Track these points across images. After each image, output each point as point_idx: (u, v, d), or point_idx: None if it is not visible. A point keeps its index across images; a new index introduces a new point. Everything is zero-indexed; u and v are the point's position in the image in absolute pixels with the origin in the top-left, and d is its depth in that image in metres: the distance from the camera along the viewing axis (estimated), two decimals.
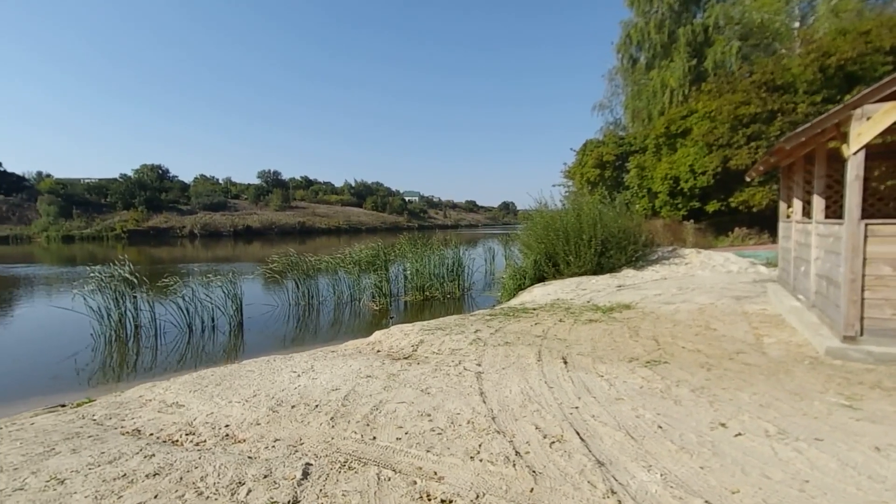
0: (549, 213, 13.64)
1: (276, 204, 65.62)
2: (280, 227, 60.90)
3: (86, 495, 2.86)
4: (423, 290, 13.12)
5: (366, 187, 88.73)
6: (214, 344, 9.26)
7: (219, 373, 5.46)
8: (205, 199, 61.27)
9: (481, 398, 4.14)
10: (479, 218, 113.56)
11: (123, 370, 7.96)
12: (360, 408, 4.08)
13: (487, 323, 7.24)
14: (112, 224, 53.13)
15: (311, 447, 3.44)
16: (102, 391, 6.21)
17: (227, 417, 4.08)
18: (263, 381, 4.99)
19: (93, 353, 8.50)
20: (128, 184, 59.70)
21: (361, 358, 5.76)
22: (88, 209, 54.69)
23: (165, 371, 7.61)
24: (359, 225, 70.32)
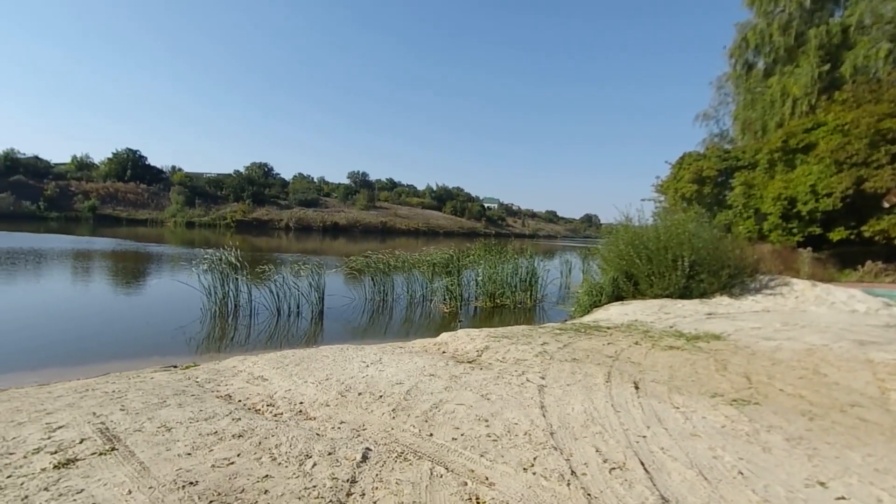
0: (634, 228, 12.88)
1: (361, 203, 69.63)
2: (364, 225, 64.45)
3: (185, 444, 3.32)
4: (494, 297, 13.10)
5: (446, 192, 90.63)
6: (297, 328, 10.08)
7: (299, 354, 5.97)
8: (300, 195, 66.93)
9: (541, 412, 4.06)
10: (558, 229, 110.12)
11: (222, 342, 8.97)
12: (421, 404, 4.22)
13: (556, 337, 7.05)
14: (224, 214, 60.12)
15: (372, 434, 3.63)
16: (205, 358, 7.08)
17: (302, 395, 4.45)
18: (336, 367, 5.36)
19: (200, 325, 9.68)
20: (239, 179, 67.25)
21: (427, 357, 5.93)
22: (207, 200, 62.51)
23: (255, 347, 8.43)
24: (437, 228, 71.97)
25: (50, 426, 3.63)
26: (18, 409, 4.07)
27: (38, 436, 3.45)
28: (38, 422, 3.74)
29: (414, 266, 13.50)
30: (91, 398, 4.34)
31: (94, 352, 7.48)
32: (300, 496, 2.71)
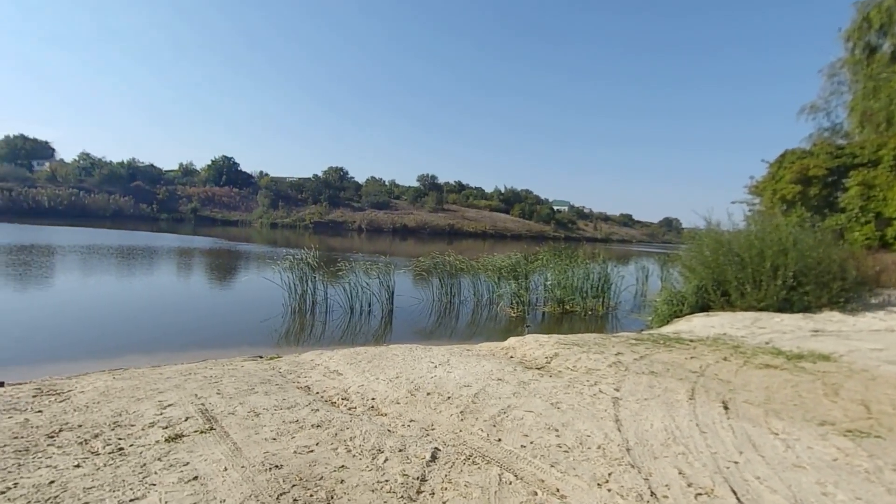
0: (723, 233, 11.79)
1: (430, 206, 71.10)
2: (432, 227, 65.70)
3: (271, 429, 3.59)
4: (563, 303, 12.68)
5: (514, 194, 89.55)
6: (368, 326, 10.50)
7: (370, 352, 6.21)
8: (372, 198, 69.90)
9: (616, 425, 3.85)
10: (633, 233, 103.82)
11: (301, 336, 9.59)
12: (489, 408, 4.19)
13: (632, 347, 6.65)
14: (303, 216, 64.49)
15: (441, 434, 3.67)
16: (285, 351, 7.62)
17: (374, 392, 4.62)
18: (405, 366, 5.49)
19: (282, 320, 10.44)
20: (317, 183, 71.79)
21: (494, 361, 5.88)
22: (289, 202, 67.46)
23: (330, 343, 8.91)
24: (504, 231, 71.36)
25: (161, 404, 4.11)
26: (137, 387, 4.66)
27: (152, 412, 3.93)
28: (152, 399, 4.26)
29: (481, 269, 13.48)
30: (193, 381, 4.85)
31: (195, 340, 8.36)
32: (373, 488, 2.81)
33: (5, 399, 4.30)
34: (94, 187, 57.89)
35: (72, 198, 53.45)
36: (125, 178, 61.33)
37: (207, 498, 2.61)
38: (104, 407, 4.04)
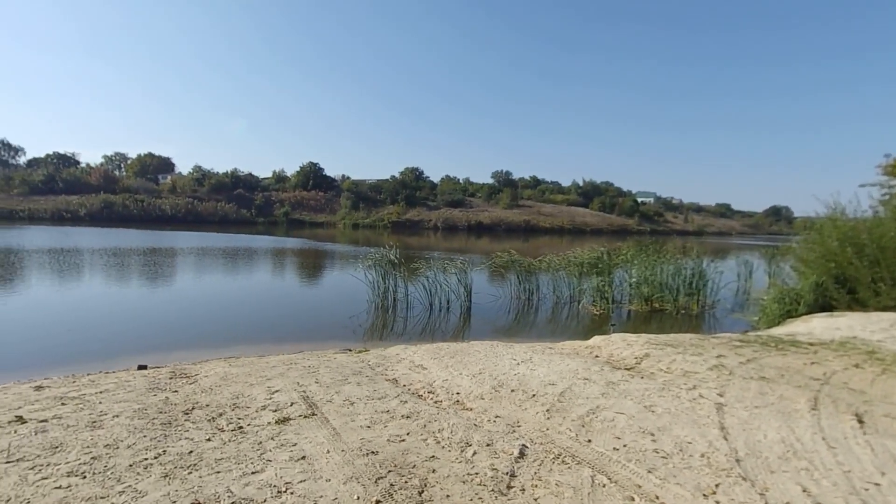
0: (849, 222, 10.24)
1: (504, 202, 70.44)
2: (507, 224, 65.07)
3: (365, 417, 3.82)
4: (651, 301, 11.88)
5: (593, 187, 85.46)
6: (447, 322, 10.70)
7: (452, 348, 6.33)
8: (447, 196, 70.96)
9: (721, 433, 3.53)
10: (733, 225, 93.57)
11: (384, 332, 10.04)
12: (576, 408, 4.06)
13: (736, 350, 6.04)
14: (382, 216, 67.39)
15: (528, 431, 3.64)
16: (371, 345, 8.04)
17: (458, 386, 4.71)
18: (487, 362, 5.52)
19: (367, 315, 11.02)
20: (394, 184, 74.56)
21: (579, 360, 5.69)
22: (369, 203, 70.94)
23: (411, 338, 9.22)
24: (583, 226, 68.50)
25: (270, 389, 4.57)
26: (249, 373, 5.23)
27: (263, 396, 4.38)
28: (262, 385, 4.75)
29: (560, 265, 13.09)
30: (294, 370, 5.32)
31: (292, 333, 9.13)
32: (464, 480, 2.87)
33: (149, 380, 5.07)
34: (204, 196, 65.62)
35: (188, 206, 61.10)
36: (229, 186, 68.68)
37: (315, 476, 2.85)
38: (225, 390, 4.59)
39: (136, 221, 52.80)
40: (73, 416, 3.76)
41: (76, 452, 3.06)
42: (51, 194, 57.05)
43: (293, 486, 2.73)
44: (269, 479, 2.79)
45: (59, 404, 4.12)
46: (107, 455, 3.04)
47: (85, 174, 64.20)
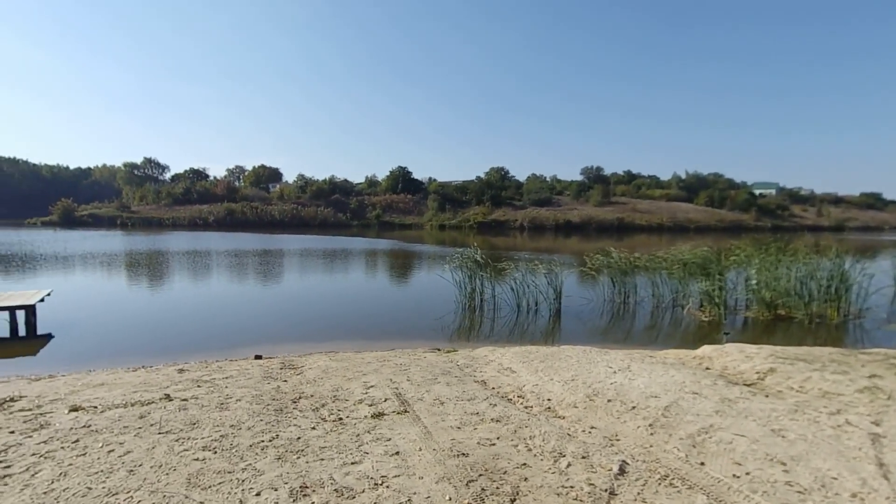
0: None
1: (595, 200, 66.98)
2: (598, 222, 61.81)
3: (455, 417, 3.85)
4: (774, 308, 10.39)
5: (699, 180, 77.42)
6: (536, 324, 10.42)
7: (542, 351, 6.13)
8: (534, 195, 69.46)
9: (880, 471, 2.93)
10: (885, 218, 77.80)
11: (471, 332, 10.09)
12: (685, 425, 3.68)
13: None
14: (468, 216, 68.11)
15: (627, 446, 3.37)
16: (459, 345, 8.13)
17: (549, 392, 4.54)
18: (580, 369, 5.25)
19: (454, 316, 11.16)
20: (480, 184, 74.92)
21: (686, 371, 5.16)
22: (455, 205, 72.18)
23: (499, 339, 9.14)
24: (686, 223, 62.45)
25: (366, 385, 4.82)
26: (347, 368, 5.58)
27: (359, 390, 4.64)
28: (358, 379, 5.03)
29: (660, 266, 12.05)
30: (387, 367, 5.56)
31: (384, 331, 9.57)
32: (558, 492, 2.74)
33: (264, 369, 5.65)
34: (306, 201, 72.00)
35: (293, 211, 67.57)
36: (327, 192, 74.55)
37: (408, 473, 2.92)
38: (326, 382, 4.94)
39: (252, 226, 59.68)
40: (206, 398, 4.33)
41: (209, 430, 3.51)
42: (188, 204, 66.89)
43: (388, 480, 2.83)
44: (366, 470, 2.93)
45: (195, 386, 4.77)
46: (232, 434, 3.44)
47: (212, 186, 74.21)
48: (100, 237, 37.32)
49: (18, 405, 4.15)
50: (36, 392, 4.63)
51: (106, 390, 4.65)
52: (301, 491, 2.66)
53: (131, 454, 3.06)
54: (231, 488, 2.66)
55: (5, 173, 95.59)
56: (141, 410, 3.91)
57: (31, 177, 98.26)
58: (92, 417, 3.75)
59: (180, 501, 2.51)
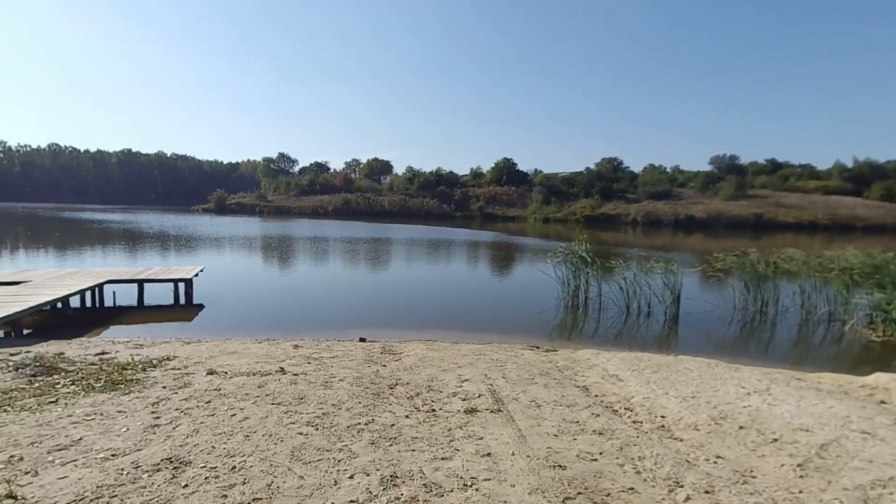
0: None
1: (726, 192, 58.89)
2: (728, 218, 54.32)
3: (552, 423, 3.57)
4: None
5: (871, 168, 63.18)
6: (647, 329, 9.44)
7: (655, 360, 5.46)
8: (650, 188, 63.57)
9: None
10: None
11: (572, 332, 9.50)
12: (852, 472, 2.91)
13: None
14: (574, 210, 64.98)
15: (768, 488, 2.77)
16: (558, 344, 7.68)
17: (663, 409, 3.98)
18: (703, 385, 4.54)
19: (555, 313, 10.64)
20: (589, 176, 70.92)
21: (849, 402, 4.15)
22: (560, 197, 69.39)
23: (603, 342, 8.45)
24: (850, 220, 51.69)
25: (460, 377, 4.75)
26: (443, 358, 5.58)
27: (453, 383, 4.58)
28: (453, 371, 4.99)
29: (813, 271, 10.05)
30: (483, 362, 5.43)
31: (481, 323, 9.47)
32: None
33: (366, 352, 5.93)
34: (414, 193, 75.31)
35: (401, 202, 71.23)
36: (433, 183, 77.06)
37: (499, 477, 2.75)
38: (422, 371, 4.99)
39: (364, 215, 64.34)
40: (314, 375, 4.65)
41: (313, 406, 3.74)
42: (311, 194, 74.56)
43: (478, 482, 2.69)
44: (456, 468, 2.83)
45: (306, 363, 5.17)
46: (333, 413, 3.61)
47: (332, 178, 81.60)
48: (242, 223, 43.52)
49: (172, 364, 4.90)
50: (186, 353, 5.43)
51: (236, 358, 5.27)
52: (391, 480, 2.66)
53: (248, 420, 3.37)
54: (328, 467, 2.76)
55: (178, 168, 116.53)
56: (260, 380, 4.34)
57: (196, 171, 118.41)
58: (223, 382, 4.25)
59: (283, 472, 2.67)
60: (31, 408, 3.47)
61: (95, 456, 2.77)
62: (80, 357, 5.19)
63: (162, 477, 2.59)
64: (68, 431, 3.08)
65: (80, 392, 3.85)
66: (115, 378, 4.23)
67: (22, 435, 3.00)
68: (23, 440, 2.94)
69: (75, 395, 3.77)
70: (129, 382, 4.13)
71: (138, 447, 2.90)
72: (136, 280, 9.79)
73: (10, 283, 8.79)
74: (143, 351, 5.60)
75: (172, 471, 2.66)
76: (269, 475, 2.64)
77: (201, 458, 2.82)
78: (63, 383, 4.08)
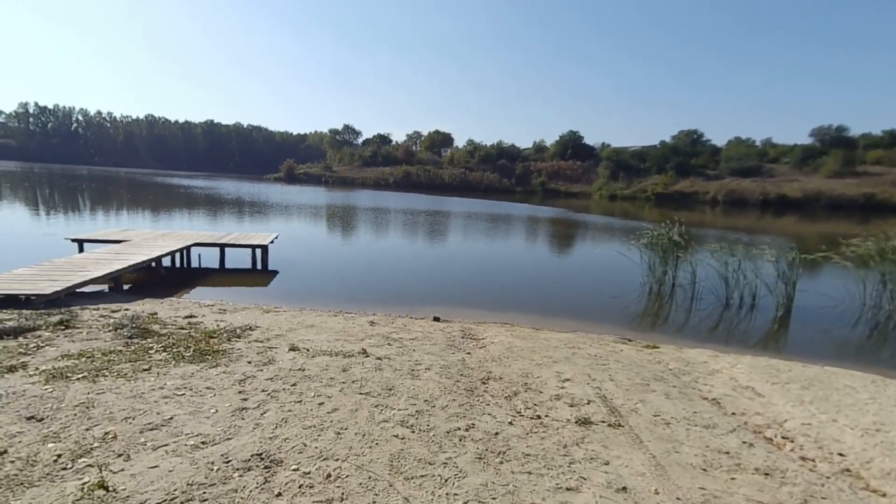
0: None
1: (828, 169, 51.76)
2: (830, 198, 47.87)
3: (693, 451, 2.88)
4: None
5: None
6: (749, 324, 8.26)
7: (799, 372, 4.53)
8: (735, 163, 57.44)
9: None
10: None
11: (656, 321, 8.53)
12: None
13: None
14: (644, 187, 60.63)
15: None
16: (648, 337, 6.85)
17: (838, 443, 3.16)
18: (886, 412, 3.61)
19: (637, 299, 9.65)
20: (664, 150, 65.51)
21: None
22: (630, 173, 64.94)
23: (695, 338, 7.45)
24: None
25: (559, 376, 4.17)
26: (532, 349, 5.02)
27: (553, 382, 4.01)
28: (549, 367, 4.41)
29: None
30: (580, 358, 4.80)
31: (557, 306, 8.72)
32: None
33: (446, 335, 5.50)
34: (474, 166, 73.97)
35: (461, 175, 70.30)
36: (494, 157, 75.13)
37: None
38: (513, 364, 4.47)
39: (424, 188, 64.33)
40: (398, 360, 4.28)
41: (404, 400, 3.34)
42: (374, 166, 75.62)
43: None
44: None
45: (386, 344, 4.83)
46: (426, 411, 3.19)
47: (394, 150, 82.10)
48: (310, 192, 45.02)
49: (254, 335, 4.75)
50: (266, 324, 5.31)
51: (315, 333, 5.05)
52: None
53: (338, 413, 3.04)
54: (434, 488, 2.32)
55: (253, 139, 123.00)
56: (343, 363, 4.03)
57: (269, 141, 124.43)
58: (306, 361, 3.99)
59: (385, 490, 2.27)
60: (127, 374, 3.38)
61: (186, 442, 2.53)
62: (171, 319, 5.22)
63: (253, 479, 2.28)
64: (160, 408, 2.90)
65: (171, 361, 3.74)
66: (203, 348, 4.11)
67: (117, 407, 2.86)
68: (117, 413, 2.79)
69: (166, 364, 3.65)
70: (216, 354, 3.98)
71: (227, 435, 2.64)
72: (218, 244, 10.08)
73: (115, 241, 9.36)
74: (226, 317, 5.56)
75: (263, 471, 2.36)
76: (369, 491, 2.25)
77: (293, 457, 2.50)
78: (155, 348, 4.01)
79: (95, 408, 2.82)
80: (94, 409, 2.81)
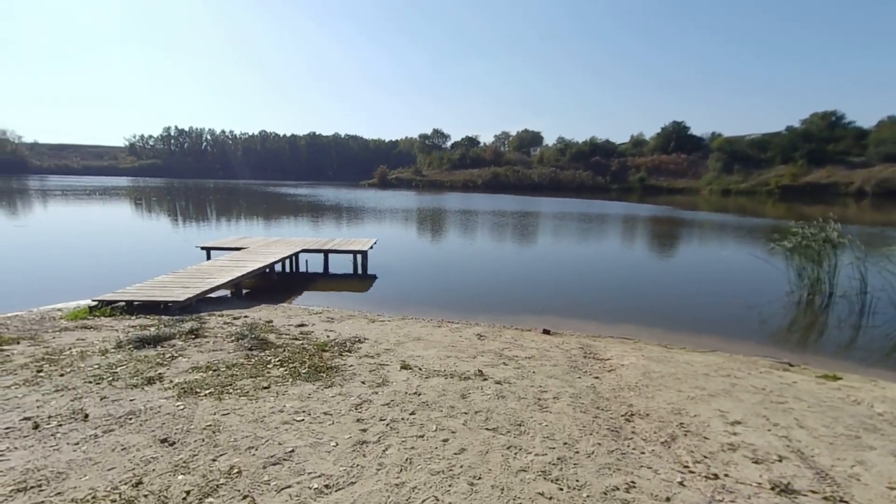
0: None
1: None
2: None
3: None
4: None
5: None
6: None
7: None
8: (889, 147, 47.69)
9: None
10: None
11: (808, 338, 7.00)
12: None
13: None
14: (766, 179, 53.07)
15: None
16: (813, 360, 5.56)
17: None
18: None
19: (782, 310, 8.06)
20: (791, 136, 56.72)
21: None
22: (747, 164, 57.28)
23: (876, 361, 5.90)
24: None
25: (722, 415, 3.34)
26: (675, 376, 4.19)
27: (717, 424, 3.21)
28: (705, 402, 3.59)
29: None
30: (741, 391, 3.88)
31: (680, 318, 7.55)
32: None
33: (565, 353, 4.88)
34: (565, 164, 71.01)
35: (551, 174, 67.89)
36: (587, 154, 71.41)
37: None
38: (657, 395, 3.72)
39: (513, 189, 63.22)
40: (519, 385, 3.78)
41: (538, 441, 2.83)
42: (462, 168, 76.33)
43: None
44: None
45: (502, 364, 4.36)
46: (570, 459, 2.64)
47: (482, 152, 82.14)
48: (401, 196, 46.59)
49: (363, 349, 4.59)
50: (374, 335, 5.16)
51: (423, 348, 4.77)
52: None
53: (466, 455, 2.62)
54: None
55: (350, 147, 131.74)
56: (461, 387, 3.64)
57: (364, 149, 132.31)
58: (420, 384, 3.67)
59: None
60: (248, 393, 3.33)
61: (310, 484, 2.29)
62: (285, 328, 5.31)
63: None
64: (281, 436, 2.73)
65: (289, 378, 3.65)
66: (317, 363, 4.00)
67: (241, 434, 2.75)
68: (241, 441, 2.66)
69: (284, 382, 3.57)
70: (329, 371, 3.85)
71: (351, 478, 2.36)
72: (322, 250, 10.50)
73: (235, 248, 10.19)
74: (334, 326, 5.55)
75: None
76: None
77: None
78: (273, 362, 4.00)
79: (221, 433, 2.73)
80: (219, 434, 2.72)
